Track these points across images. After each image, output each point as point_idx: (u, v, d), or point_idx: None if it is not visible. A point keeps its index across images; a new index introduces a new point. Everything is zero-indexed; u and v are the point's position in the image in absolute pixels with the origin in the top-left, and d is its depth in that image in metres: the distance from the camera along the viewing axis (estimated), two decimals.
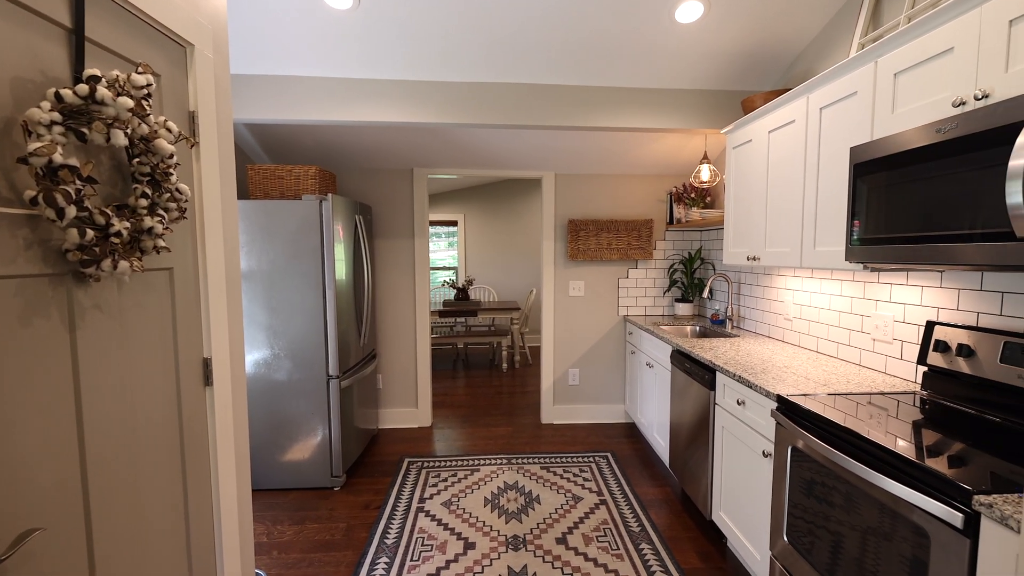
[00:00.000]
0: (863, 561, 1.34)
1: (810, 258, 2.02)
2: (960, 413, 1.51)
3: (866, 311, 2.10)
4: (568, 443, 3.62)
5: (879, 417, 1.48)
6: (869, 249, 1.59)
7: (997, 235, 1.19)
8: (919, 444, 1.28)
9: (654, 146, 3.50)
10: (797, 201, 2.12)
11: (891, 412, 1.53)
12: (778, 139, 2.29)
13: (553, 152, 3.65)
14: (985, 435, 1.33)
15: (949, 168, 1.32)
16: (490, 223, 7.65)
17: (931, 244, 1.36)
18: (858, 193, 1.65)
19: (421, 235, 3.99)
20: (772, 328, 2.84)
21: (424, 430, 3.94)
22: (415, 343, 4.02)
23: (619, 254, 3.91)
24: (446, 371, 6.03)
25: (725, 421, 2.17)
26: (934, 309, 1.77)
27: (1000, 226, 1.18)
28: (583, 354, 4.04)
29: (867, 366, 2.09)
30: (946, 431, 1.37)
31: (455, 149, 3.63)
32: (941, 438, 1.32)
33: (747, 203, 2.58)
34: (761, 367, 2.12)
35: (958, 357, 1.57)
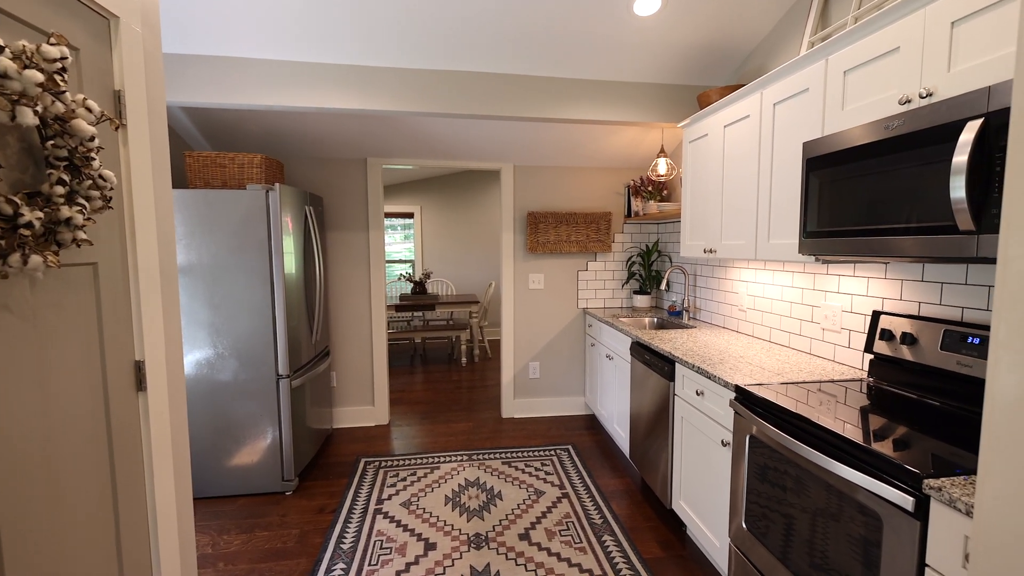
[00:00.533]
0: (818, 544, 1.38)
1: (764, 251, 2.07)
2: (904, 398, 1.58)
3: (816, 302, 2.18)
4: (529, 437, 3.62)
5: (830, 404, 1.53)
6: (821, 242, 1.64)
7: (941, 228, 1.23)
8: (868, 429, 1.32)
9: (612, 139, 3.52)
10: (752, 194, 2.16)
11: (841, 399, 1.58)
12: (733, 133, 2.33)
13: (512, 143, 3.60)
14: (927, 419, 1.40)
15: (897, 164, 1.36)
16: (448, 215, 7.54)
17: (879, 237, 1.40)
18: (810, 187, 1.69)
19: (376, 227, 3.86)
20: (727, 319, 2.92)
21: (381, 428, 3.84)
22: (371, 339, 3.90)
23: (578, 247, 3.92)
24: (403, 367, 5.91)
25: (684, 411, 2.20)
26: (879, 299, 1.85)
27: (943, 219, 1.23)
28: (543, 347, 4.04)
29: (817, 354, 2.17)
30: (891, 416, 1.42)
31: (411, 138, 3.52)
32: (887, 423, 1.37)
33: (703, 196, 2.63)
34: (719, 358, 2.16)
35: (902, 345, 1.64)
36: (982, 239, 1.14)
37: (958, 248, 1.20)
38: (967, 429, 1.32)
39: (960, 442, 1.23)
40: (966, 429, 1.31)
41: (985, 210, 1.14)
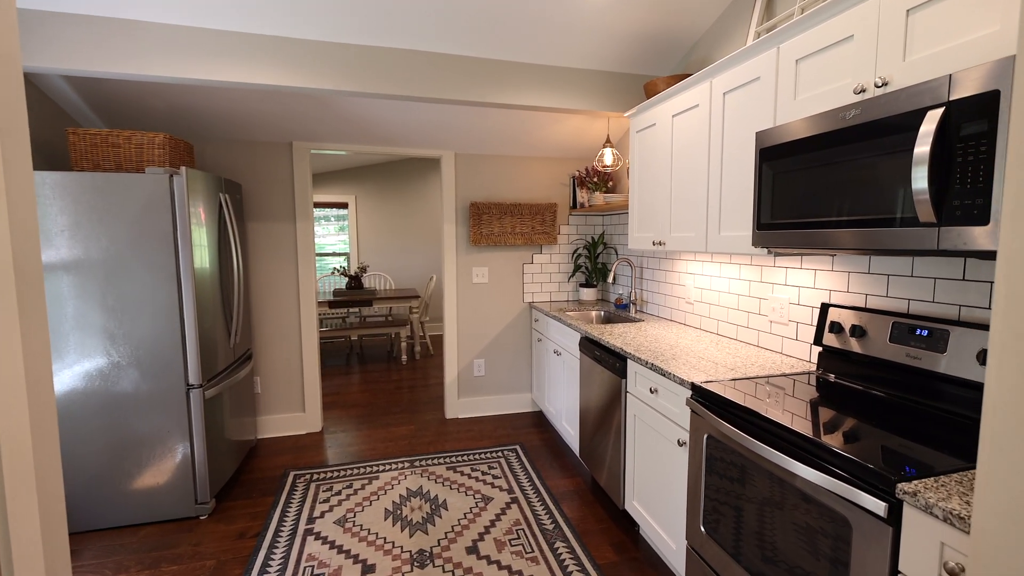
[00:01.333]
0: (783, 549, 1.32)
1: (715, 243, 2.03)
2: (858, 392, 1.57)
3: (763, 294, 2.17)
4: (475, 438, 3.47)
5: (788, 401, 1.49)
6: (775, 234, 1.59)
7: (901, 220, 1.20)
8: (832, 429, 1.28)
9: (557, 127, 3.41)
10: (702, 186, 2.11)
11: (798, 395, 1.55)
12: (682, 123, 2.27)
13: (453, 129, 3.41)
14: (884, 414, 1.38)
15: (854, 154, 1.32)
16: (385, 205, 7.20)
17: (837, 229, 1.36)
18: (764, 178, 1.64)
19: (304, 218, 3.55)
20: (674, 311, 2.89)
21: (314, 437, 3.55)
22: (300, 339, 3.60)
23: (523, 239, 3.79)
24: (339, 367, 5.58)
25: (637, 409, 2.13)
26: (827, 291, 1.85)
27: (903, 211, 1.19)
28: (488, 343, 3.89)
29: (765, 347, 2.16)
30: (850, 412, 1.39)
31: (342, 121, 3.24)
32: (847, 420, 1.34)
33: (651, 187, 2.57)
34: (671, 353, 2.10)
35: (852, 337, 1.63)
36: (943, 231, 1.11)
37: (919, 240, 1.16)
38: (926, 424, 1.30)
39: (922, 439, 1.21)
40: (926, 424, 1.30)
41: (946, 202, 1.10)
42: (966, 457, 1.10)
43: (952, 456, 1.11)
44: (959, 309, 1.41)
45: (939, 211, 1.11)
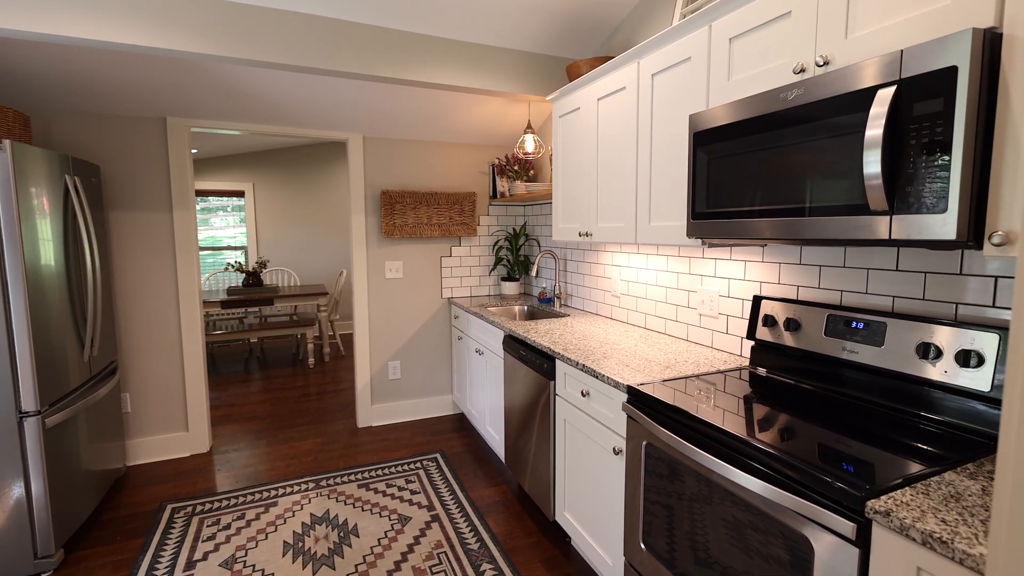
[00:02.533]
0: (732, 569, 1.22)
1: (646, 234, 1.92)
2: (798, 389, 1.51)
3: (692, 286, 2.10)
4: (391, 448, 3.18)
5: (729, 402, 1.39)
6: (712, 224, 1.49)
7: (849, 208, 1.11)
8: (781, 433, 1.19)
9: (476, 111, 3.18)
10: (630, 173, 1.99)
11: (740, 395, 1.46)
12: (608, 107, 2.14)
13: (361, 110, 3.06)
14: (826, 412, 1.31)
15: (797, 137, 1.23)
16: (288, 194, 6.57)
17: (780, 219, 1.27)
18: (699, 164, 1.53)
19: (183, 206, 3.05)
20: (600, 305, 2.79)
21: (200, 459, 3.08)
22: (181, 346, 3.09)
23: (441, 230, 3.53)
24: (236, 374, 4.99)
25: (568, 414, 1.98)
26: (757, 283, 1.80)
27: (852, 199, 1.11)
28: (404, 343, 3.60)
29: (695, 341, 2.10)
30: (791, 411, 1.32)
31: (229, 96, 2.78)
32: (793, 421, 1.25)
33: (576, 175, 2.42)
34: (601, 351, 1.97)
35: (786, 331, 1.58)
36: (896, 220, 1.03)
37: (869, 230, 1.08)
38: (874, 423, 1.24)
39: (874, 440, 1.14)
40: (873, 424, 1.24)
41: (899, 188, 1.03)
42: (923, 461, 1.03)
43: (909, 459, 1.04)
44: (893, 300, 1.39)
45: (891, 198, 1.03)
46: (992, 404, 1.12)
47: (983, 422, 1.14)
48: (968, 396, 1.15)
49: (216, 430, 3.54)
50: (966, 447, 1.09)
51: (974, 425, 1.15)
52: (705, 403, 1.38)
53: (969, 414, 1.15)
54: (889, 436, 1.15)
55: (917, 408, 1.25)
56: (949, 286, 1.27)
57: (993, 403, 1.12)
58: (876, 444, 1.11)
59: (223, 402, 4.16)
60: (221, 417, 3.78)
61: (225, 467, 2.97)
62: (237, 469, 2.95)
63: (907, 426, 1.21)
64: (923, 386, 1.23)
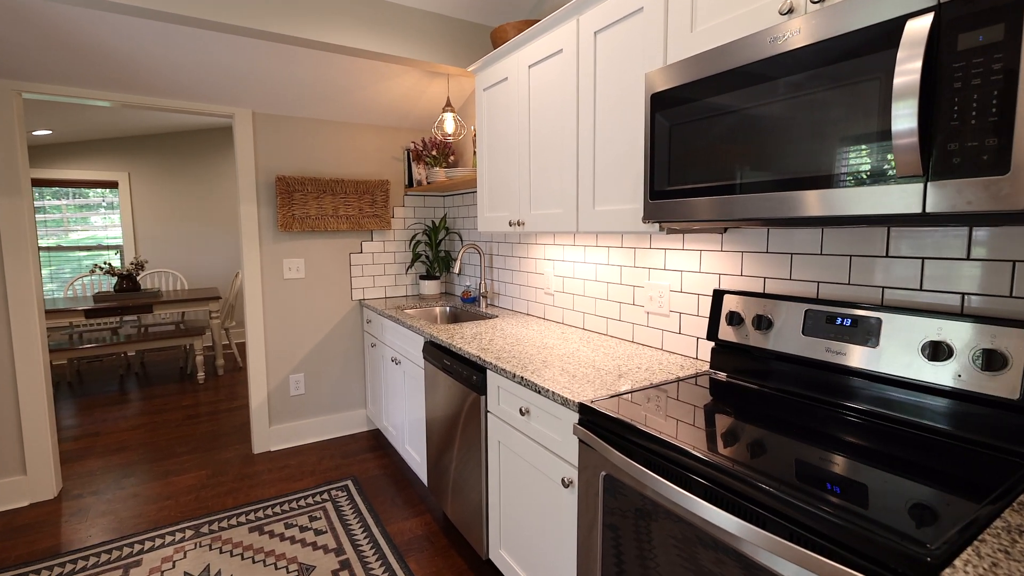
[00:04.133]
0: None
1: (590, 220, 1.64)
2: (777, 399, 1.29)
3: (638, 281, 1.86)
4: (293, 477, 2.70)
5: (698, 417, 1.15)
6: (676, 205, 1.24)
7: (866, 176, 0.89)
8: (779, 463, 0.94)
9: (388, 87, 2.77)
10: (570, 150, 1.71)
11: (711, 409, 1.22)
12: (542, 74, 1.85)
13: (248, 79, 2.55)
14: (819, 430, 1.10)
15: (785, 92, 1.00)
16: (172, 186, 5.71)
17: (769, 193, 1.03)
18: (658, 133, 1.27)
19: (13, 192, 2.39)
20: (532, 304, 2.51)
21: (43, 509, 2.43)
22: (13, 369, 2.43)
23: (349, 223, 3.08)
24: (107, 394, 4.20)
25: (503, 435, 1.66)
26: (715, 276, 1.58)
27: (873, 163, 0.88)
28: (308, 353, 3.11)
29: (642, 342, 1.86)
30: (779, 429, 1.09)
31: (77, 54, 2.17)
32: (785, 444, 1.02)
33: (505, 156, 2.11)
34: (540, 358, 1.67)
35: (756, 330, 1.37)
36: (933, 188, 0.81)
37: (894, 202, 0.85)
38: (883, 442, 1.04)
39: (894, 466, 0.93)
40: (882, 442, 1.03)
41: (938, 146, 0.80)
42: (959, 492, 0.82)
43: (943, 491, 0.82)
44: (882, 292, 1.20)
45: (927, 160, 0.81)
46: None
47: (1014, 437, 0.95)
48: (990, 404, 0.97)
49: (70, 468, 2.86)
50: (1002, 471, 0.89)
51: (1004, 444, 0.96)
52: (674, 421, 1.12)
53: (994, 427, 0.97)
54: (900, 457, 0.95)
55: (924, 419, 1.06)
56: (954, 273, 1.09)
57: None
58: (890, 469, 0.90)
59: (85, 431, 3.42)
60: (80, 451, 3.08)
61: (76, 517, 2.35)
62: (92, 519, 2.34)
63: (918, 443, 1.00)
64: (931, 394, 1.04)
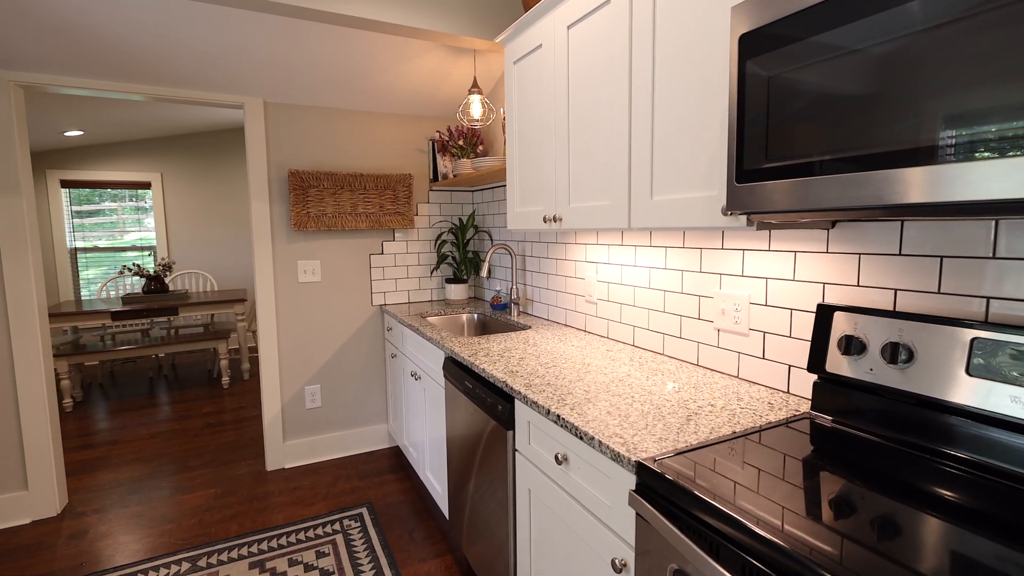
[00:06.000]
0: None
1: (645, 214, 1.29)
2: (931, 468, 0.92)
3: (706, 289, 1.50)
4: (304, 500, 2.45)
5: (805, 488, 0.79)
6: (778, 188, 0.88)
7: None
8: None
9: (408, 68, 2.48)
10: (620, 124, 1.37)
11: (818, 471, 0.85)
12: (584, 34, 1.51)
13: (260, 65, 2.32)
14: (1001, 511, 0.72)
15: (966, 6, 0.63)
16: (201, 186, 5.64)
17: (962, 164, 0.67)
18: (750, 89, 0.92)
19: (11, 190, 2.24)
20: (570, 314, 2.17)
21: (43, 528, 2.26)
22: (13, 377, 2.28)
23: (369, 221, 2.82)
24: (136, 398, 4.12)
25: (534, 482, 1.34)
26: (818, 285, 1.20)
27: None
28: (325, 363, 2.87)
29: (712, 367, 1.49)
30: (926, 506, 0.72)
31: (70, 40, 1.99)
32: (961, 538, 0.66)
33: (538, 139, 1.78)
34: (581, 387, 1.33)
35: (886, 363, 0.99)
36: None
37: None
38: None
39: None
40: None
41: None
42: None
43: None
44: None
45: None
46: None
47: None
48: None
49: (80, 481, 2.71)
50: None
51: None
52: (775, 496, 0.77)
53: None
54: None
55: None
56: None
57: None
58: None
59: (105, 438, 3.30)
60: (95, 461, 2.94)
61: (74, 540, 2.17)
62: (90, 542, 2.16)
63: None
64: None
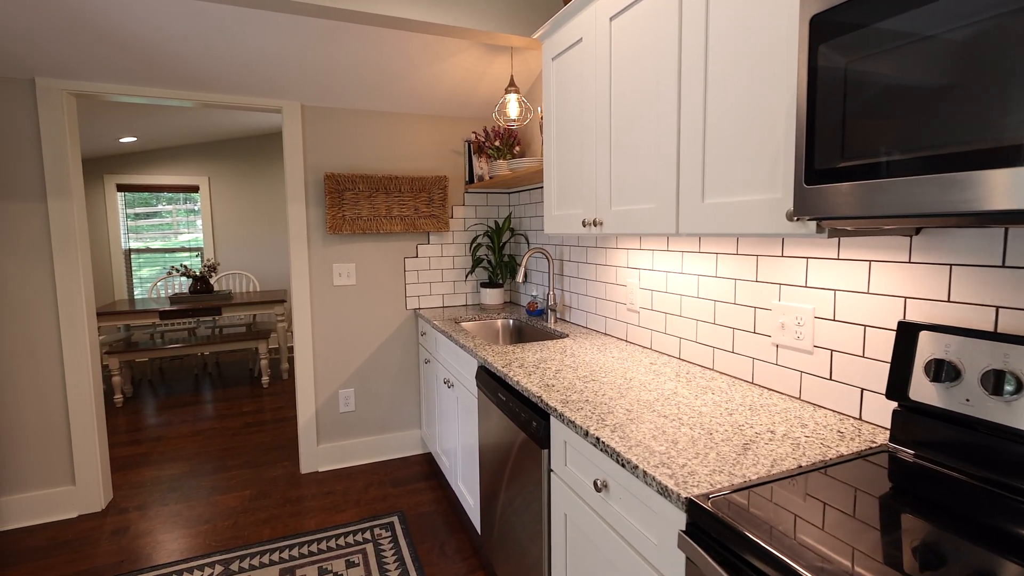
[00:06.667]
0: None
1: (696, 218, 1.18)
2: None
3: (761, 301, 1.37)
4: (336, 506, 2.43)
5: (889, 535, 0.66)
6: (856, 191, 0.76)
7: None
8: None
9: (443, 69, 2.43)
10: (668, 121, 1.26)
11: (904, 518, 0.73)
12: (629, 25, 1.41)
13: (297, 69, 2.32)
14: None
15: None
16: (246, 188, 5.81)
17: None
18: (823, 78, 0.80)
19: (62, 195, 2.31)
20: (610, 322, 2.06)
21: (88, 523, 2.33)
22: (63, 375, 2.35)
23: (404, 224, 2.79)
24: (182, 395, 4.26)
25: (570, 507, 1.24)
26: (898, 300, 1.06)
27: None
28: (359, 367, 2.85)
29: (768, 386, 1.36)
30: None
31: (119, 48, 2.05)
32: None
33: (577, 139, 1.69)
34: (623, 405, 1.23)
35: (988, 393, 0.85)
36: None
37: None
38: None
39: None
40: None
41: None
42: None
43: None
44: None
45: None
46: None
47: None
48: None
49: (125, 476, 2.79)
50: None
51: None
52: (849, 547, 0.65)
53: None
54: None
55: None
56: None
57: None
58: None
59: (150, 434, 3.40)
60: (139, 457, 3.03)
61: (116, 537, 2.22)
62: (130, 539, 2.20)
63: None
64: None
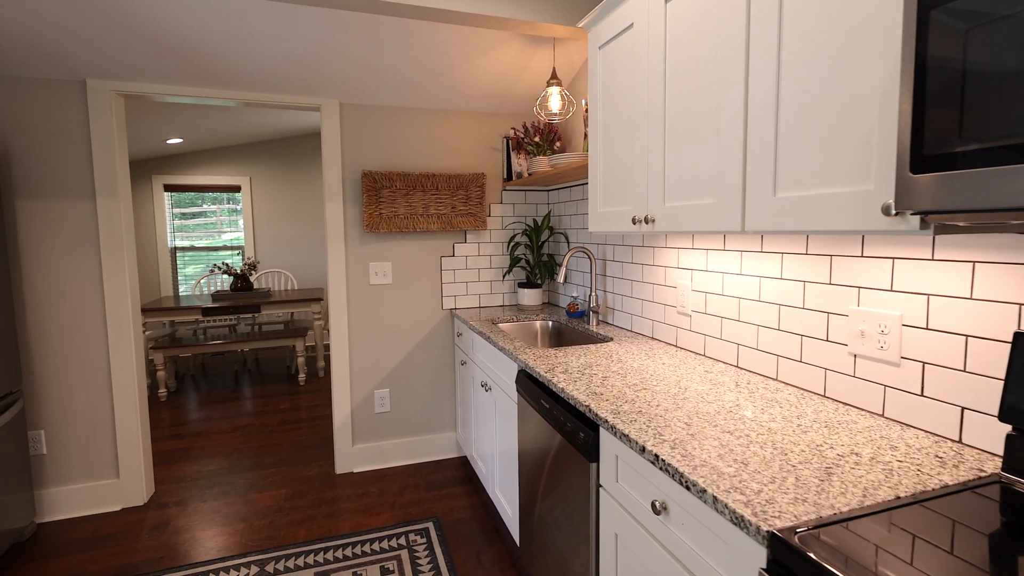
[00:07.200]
0: None
1: (766, 214, 1.07)
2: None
3: (836, 306, 1.24)
4: (371, 509, 2.40)
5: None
6: (977, 179, 0.64)
7: None
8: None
9: (482, 63, 2.37)
10: (733, 106, 1.15)
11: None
12: (687, 5, 1.30)
13: (335, 67, 2.31)
14: None
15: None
16: (285, 188, 5.91)
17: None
18: (934, 47, 0.68)
19: (109, 193, 2.36)
20: (658, 326, 1.94)
21: (131, 516, 2.37)
22: (108, 369, 2.40)
23: (440, 223, 2.74)
24: (223, 390, 4.35)
25: (623, 528, 1.15)
26: (1011, 307, 0.93)
27: None
28: (395, 367, 2.82)
29: (843, 400, 1.23)
30: None
31: (163, 49, 2.08)
32: None
33: (627, 130, 1.59)
34: (681, 417, 1.13)
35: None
36: None
37: None
38: None
39: None
40: None
41: None
42: None
43: None
44: None
45: None
46: None
47: None
48: None
49: (167, 471, 2.84)
50: None
51: None
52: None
53: None
54: None
55: None
56: None
57: None
58: None
59: (192, 429, 3.47)
60: (181, 452, 3.08)
61: (156, 532, 2.24)
62: (169, 535, 2.22)
63: None
64: None
